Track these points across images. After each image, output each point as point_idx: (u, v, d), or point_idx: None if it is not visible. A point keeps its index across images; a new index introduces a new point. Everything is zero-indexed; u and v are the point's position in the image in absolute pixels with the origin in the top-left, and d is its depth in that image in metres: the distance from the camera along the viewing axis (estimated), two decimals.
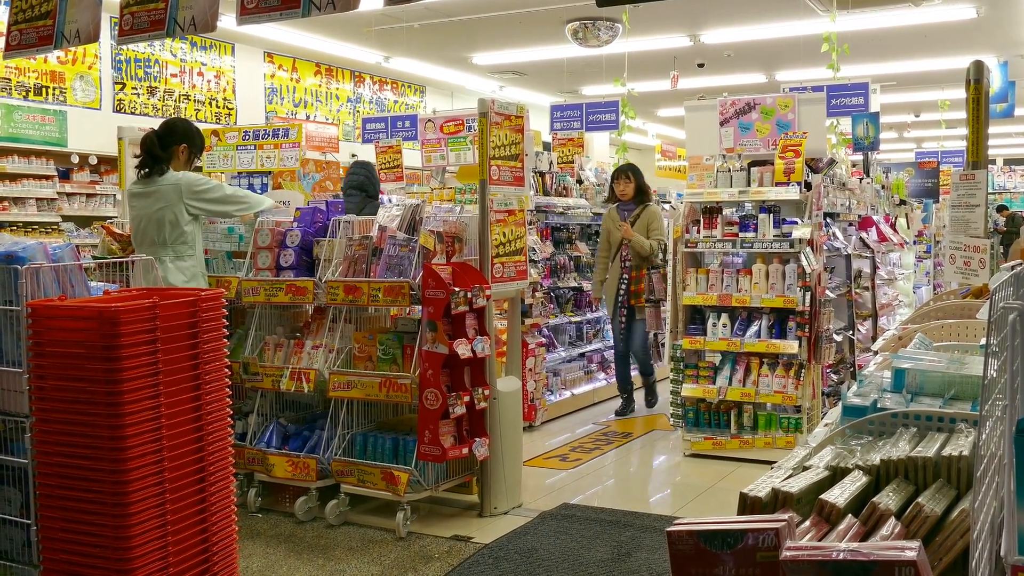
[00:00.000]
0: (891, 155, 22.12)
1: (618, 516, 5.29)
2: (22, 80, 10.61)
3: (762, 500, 1.53)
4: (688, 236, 6.65)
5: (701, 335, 6.58)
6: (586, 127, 11.24)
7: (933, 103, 17.00)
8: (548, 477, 6.22)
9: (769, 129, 6.72)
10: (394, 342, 5.11)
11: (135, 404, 3.02)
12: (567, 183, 8.56)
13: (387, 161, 9.12)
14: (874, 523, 1.45)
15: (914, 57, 14.16)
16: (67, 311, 3.10)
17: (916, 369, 2.11)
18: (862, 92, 9.60)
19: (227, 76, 13.46)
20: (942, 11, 11.33)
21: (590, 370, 8.82)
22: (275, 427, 5.41)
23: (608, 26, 11.57)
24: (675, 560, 1.31)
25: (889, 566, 1.11)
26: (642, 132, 20.56)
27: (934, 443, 1.70)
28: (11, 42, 5.18)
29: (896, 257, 9.58)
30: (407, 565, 4.51)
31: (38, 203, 10.53)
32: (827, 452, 1.79)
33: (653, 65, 14.07)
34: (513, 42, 13.48)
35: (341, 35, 13.11)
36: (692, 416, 6.67)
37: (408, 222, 5.18)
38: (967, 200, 4.01)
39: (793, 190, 6.28)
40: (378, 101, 16.32)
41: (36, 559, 3.19)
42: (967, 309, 3.37)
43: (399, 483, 4.88)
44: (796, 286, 6.25)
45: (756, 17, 11.85)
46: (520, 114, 5.69)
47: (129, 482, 2.99)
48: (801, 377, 6.28)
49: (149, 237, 5.01)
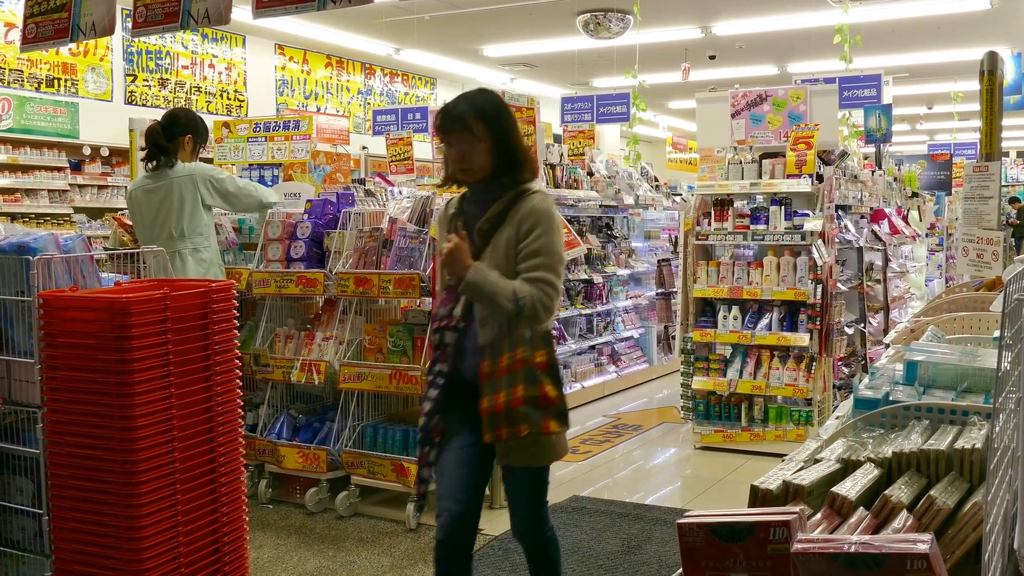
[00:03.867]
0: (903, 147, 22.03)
1: (628, 508, 5.28)
2: (34, 72, 10.64)
3: (773, 493, 1.53)
4: (699, 228, 6.64)
5: (712, 328, 6.56)
6: (597, 119, 11.21)
7: (946, 95, 16.89)
8: (558, 469, 6.22)
9: (781, 121, 6.69)
10: (404, 334, 5.11)
11: (146, 395, 3.03)
12: (578, 175, 8.54)
13: (398, 153, 9.13)
14: (886, 516, 1.44)
15: (927, 49, 14.07)
16: (78, 302, 3.11)
17: (929, 362, 2.10)
18: (874, 84, 9.54)
19: (238, 68, 13.47)
20: (956, 2, 11.26)
21: (600, 363, 8.82)
22: (286, 418, 5.43)
23: (619, 18, 11.52)
24: (685, 553, 1.30)
25: (901, 559, 1.10)
26: (653, 124, 20.49)
27: (946, 436, 1.69)
28: (28, 35, 5.19)
29: (908, 250, 9.53)
30: (417, 556, 4.52)
31: (50, 195, 10.56)
32: (838, 445, 1.78)
33: (664, 57, 14.02)
34: (524, 34, 13.44)
35: (352, 27, 13.10)
36: (702, 409, 6.66)
37: (419, 214, 5.18)
38: (980, 192, 3.99)
39: (805, 182, 6.26)
40: (389, 93, 16.31)
41: (48, 548, 3.20)
42: (980, 301, 3.35)
43: (409, 475, 4.89)
44: (807, 279, 6.23)
45: (768, 8, 11.79)
46: (531, 106, 5.68)
47: (140, 472, 3.00)
48: (812, 370, 6.26)
49: (167, 231, 4.95)
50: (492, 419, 2.80)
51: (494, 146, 2.93)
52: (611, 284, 8.86)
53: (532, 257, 2.87)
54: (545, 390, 2.79)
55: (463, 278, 2.82)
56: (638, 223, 9.85)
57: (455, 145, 2.92)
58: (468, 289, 2.83)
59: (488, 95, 3.01)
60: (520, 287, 2.82)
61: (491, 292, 2.81)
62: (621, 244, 9.24)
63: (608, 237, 9.13)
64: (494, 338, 2.87)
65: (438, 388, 2.94)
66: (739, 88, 6.89)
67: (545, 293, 2.85)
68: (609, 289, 8.81)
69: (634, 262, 9.30)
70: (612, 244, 9.07)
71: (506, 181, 2.96)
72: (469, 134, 2.90)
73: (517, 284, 2.83)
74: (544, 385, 2.79)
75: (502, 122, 2.96)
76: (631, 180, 9.53)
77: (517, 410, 2.76)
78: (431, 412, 2.95)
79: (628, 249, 9.34)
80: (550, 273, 2.87)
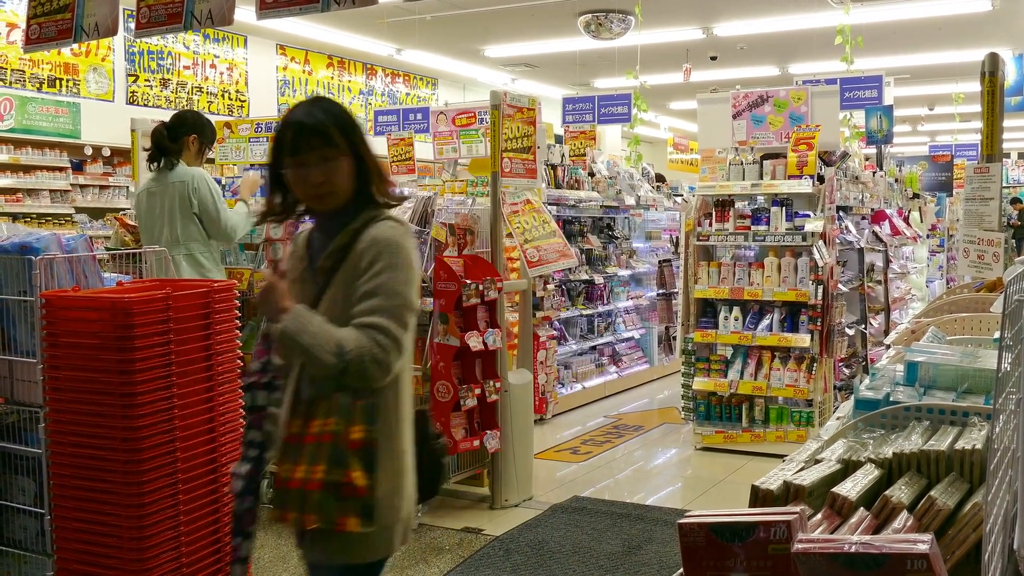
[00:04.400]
0: (905, 148, 22.00)
1: (629, 509, 5.29)
2: (36, 72, 10.64)
3: (774, 493, 1.53)
4: (700, 229, 6.64)
5: (713, 328, 6.56)
6: (598, 120, 11.20)
7: (947, 96, 16.88)
8: (559, 470, 6.23)
9: (782, 122, 6.69)
10: None
11: (148, 395, 3.04)
12: (579, 176, 8.55)
13: (399, 154, 9.12)
14: (886, 516, 1.44)
15: (928, 50, 14.06)
16: (81, 302, 3.12)
17: (929, 362, 2.10)
18: (876, 85, 9.53)
19: (239, 68, 13.47)
20: (957, 3, 11.25)
21: (601, 363, 8.82)
22: None
23: (620, 18, 11.52)
24: (686, 553, 1.31)
25: (901, 559, 1.10)
26: (654, 125, 20.48)
27: (947, 436, 1.70)
28: (31, 36, 5.20)
29: (909, 251, 9.53)
30: (418, 557, 4.52)
31: (51, 195, 10.57)
32: (839, 445, 1.79)
33: (665, 58, 14.02)
34: (525, 34, 13.44)
35: (353, 27, 13.10)
36: (703, 409, 6.66)
37: (420, 214, 5.18)
38: (981, 193, 3.99)
39: (806, 183, 6.26)
40: (390, 94, 16.31)
41: (50, 548, 3.21)
42: (981, 303, 3.35)
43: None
44: (808, 280, 6.23)
45: (769, 9, 11.79)
46: (532, 107, 5.68)
47: (142, 472, 3.01)
48: (813, 371, 6.26)
49: (164, 235, 4.93)
50: (280, 495, 2.22)
51: (355, 163, 2.35)
52: (612, 285, 8.87)
53: (367, 298, 2.24)
54: (351, 476, 2.16)
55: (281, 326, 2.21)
56: (639, 224, 9.85)
57: (315, 165, 2.29)
58: (283, 338, 2.22)
59: (335, 102, 2.44)
60: (348, 337, 2.19)
61: (308, 344, 2.17)
62: (622, 245, 9.25)
63: (609, 238, 9.14)
64: (315, 395, 2.27)
65: (249, 462, 2.35)
66: (740, 89, 6.89)
67: (378, 345, 2.19)
68: (610, 290, 8.81)
69: (635, 263, 9.30)
70: (613, 245, 9.08)
71: (357, 206, 2.37)
72: (333, 149, 2.30)
73: (344, 333, 2.20)
74: (351, 470, 2.16)
75: (360, 133, 2.39)
76: (632, 181, 9.54)
77: (311, 494, 2.16)
78: (242, 493, 2.34)
79: (629, 250, 9.34)
80: (388, 320, 2.22)
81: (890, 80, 9.86)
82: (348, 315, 2.25)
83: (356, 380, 2.20)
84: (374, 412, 2.24)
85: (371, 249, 2.27)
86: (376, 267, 2.25)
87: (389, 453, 2.28)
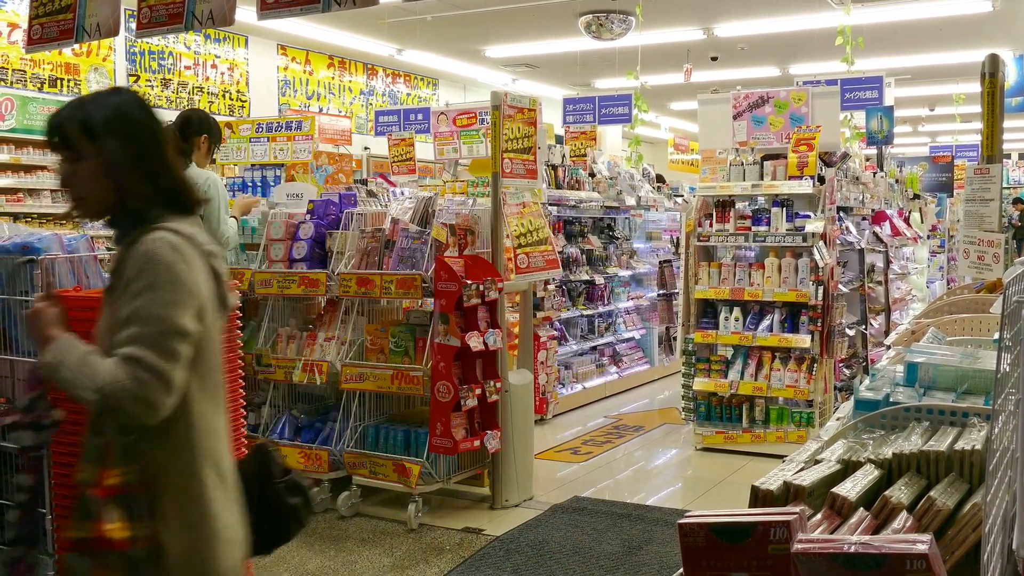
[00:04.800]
0: (905, 149, 21.99)
1: (629, 509, 5.29)
2: (37, 72, 10.65)
3: (774, 493, 1.54)
4: (701, 230, 6.64)
5: (713, 329, 6.57)
6: (599, 120, 11.21)
7: (948, 97, 16.88)
8: (559, 470, 6.23)
9: (782, 123, 6.69)
10: (406, 334, 5.12)
11: None
12: (579, 176, 8.55)
13: (400, 154, 9.13)
14: (886, 516, 1.45)
15: (929, 51, 14.06)
16: (82, 302, 3.12)
17: (929, 363, 2.11)
18: (876, 86, 9.54)
19: (240, 68, 13.48)
20: (957, 4, 11.25)
21: (602, 364, 8.83)
22: (287, 419, 5.44)
23: (621, 19, 11.52)
24: (686, 553, 1.31)
25: (901, 559, 1.11)
26: (655, 125, 20.47)
27: (946, 437, 1.70)
28: (33, 36, 5.21)
29: (909, 252, 9.54)
30: (419, 557, 4.53)
31: (52, 195, 10.57)
32: (839, 446, 1.79)
33: (666, 58, 14.02)
34: (526, 35, 13.45)
35: (354, 27, 13.11)
36: (703, 410, 6.66)
37: (421, 215, 5.18)
38: (981, 194, 3.99)
39: (806, 184, 6.26)
40: (391, 94, 16.32)
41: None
42: (981, 303, 3.36)
43: (411, 475, 4.89)
44: (809, 280, 6.23)
45: (770, 10, 11.79)
46: (533, 107, 5.69)
47: None
48: (813, 371, 6.26)
49: None
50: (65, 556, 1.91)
51: (112, 170, 2.03)
52: (613, 285, 8.87)
53: (125, 326, 1.93)
54: (101, 530, 1.84)
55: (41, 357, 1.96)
56: (640, 224, 9.85)
57: (61, 167, 2.06)
58: (46, 372, 1.96)
59: (114, 98, 2.10)
60: (105, 372, 1.88)
61: (68, 379, 1.90)
62: (623, 245, 9.25)
63: (610, 238, 9.14)
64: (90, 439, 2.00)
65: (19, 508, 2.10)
66: (741, 90, 6.90)
67: (136, 380, 1.87)
68: (611, 290, 8.81)
69: (636, 263, 9.30)
70: (614, 245, 9.08)
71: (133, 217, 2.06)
72: (71, 152, 2.03)
73: (103, 367, 1.89)
74: (100, 522, 1.85)
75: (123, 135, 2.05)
76: (633, 181, 9.54)
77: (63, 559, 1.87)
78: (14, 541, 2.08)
79: (630, 250, 9.35)
80: (145, 350, 1.89)
81: (891, 81, 9.87)
82: None
83: (120, 419, 1.92)
84: (133, 451, 1.94)
85: (131, 267, 1.97)
86: (133, 288, 1.94)
87: (182, 499, 1.96)
